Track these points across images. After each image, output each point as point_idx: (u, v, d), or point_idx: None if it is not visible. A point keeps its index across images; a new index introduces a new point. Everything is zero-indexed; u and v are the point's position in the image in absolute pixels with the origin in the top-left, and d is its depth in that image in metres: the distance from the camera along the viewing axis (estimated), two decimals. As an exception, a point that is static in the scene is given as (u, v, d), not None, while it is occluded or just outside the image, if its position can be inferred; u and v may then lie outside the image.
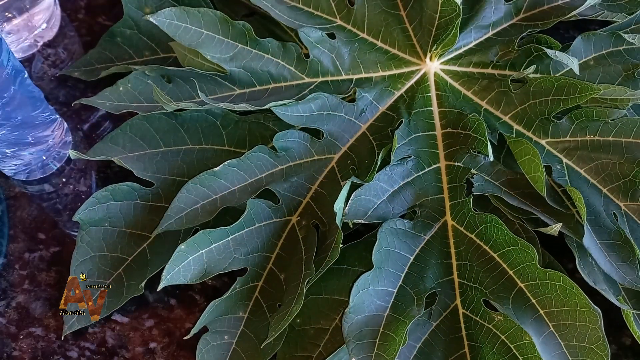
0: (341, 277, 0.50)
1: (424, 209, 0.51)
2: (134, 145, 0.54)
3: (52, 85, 0.61)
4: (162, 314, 0.53)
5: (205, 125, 0.55)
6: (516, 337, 0.46)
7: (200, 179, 0.51)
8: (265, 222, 0.51)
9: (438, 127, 0.54)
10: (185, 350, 0.52)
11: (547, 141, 0.53)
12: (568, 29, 0.63)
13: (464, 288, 0.49)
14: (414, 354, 0.48)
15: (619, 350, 0.51)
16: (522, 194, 0.51)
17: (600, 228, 0.50)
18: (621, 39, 0.55)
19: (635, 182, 0.50)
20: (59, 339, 0.52)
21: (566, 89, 0.51)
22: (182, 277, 0.48)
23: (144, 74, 0.55)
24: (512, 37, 0.56)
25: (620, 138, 0.51)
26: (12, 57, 0.48)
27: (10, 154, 0.54)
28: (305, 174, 0.53)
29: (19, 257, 0.55)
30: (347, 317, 0.47)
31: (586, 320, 0.46)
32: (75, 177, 0.58)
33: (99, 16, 0.65)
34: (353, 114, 0.54)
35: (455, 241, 0.50)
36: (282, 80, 0.56)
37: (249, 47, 0.55)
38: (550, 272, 0.47)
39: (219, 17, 0.54)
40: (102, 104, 0.56)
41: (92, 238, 0.52)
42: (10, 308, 0.53)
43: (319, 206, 0.52)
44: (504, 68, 0.55)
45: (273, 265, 0.51)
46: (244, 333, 0.50)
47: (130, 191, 0.53)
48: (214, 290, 0.54)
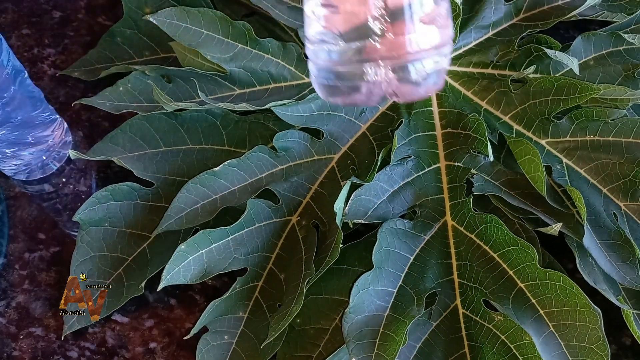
0: (341, 277, 0.50)
1: (424, 209, 0.51)
2: (134, 145, 0.54)
3: (52, 85, 0.61)
4: (162, 314, 0.53)
5: (205, 125, 0.55)
6: (516, 337, 0.46)
7: (200, 179, 0.51)
8: (265, 222, 0.51)
9: (438, 127, 0.54)
10: (185, 350, 0.52)
11: (547, 141, 0.53)
12: (568, 29, 0.63)
13: (464, 288, 0.49)
14: (414, 354, 0.48)
15: (619, 350, 0.51)
16: (522, 194, 0.51)
17: (600, 228, 0.50)
18: (621, 39, 0.55)
19: (635, 182, 0.50)
20: (59, 339, 0.52)
21: (566, 89, 0.51)
22: (182, 277, 0.48)
23: (144, 74, 0.56)
24: (512, 37, 0.56)
25: (620, 138, 0.51)
26: (12, 57, 0.48)
27: (10, 154, 0.54)
28: (305, 174, 0.53)
29: (19, 257, 0.55)
30: (347, 317, 0.47)
31: (586, 320, 0.46)
32: (75, 177, 0.58)
33: (99, 16, 0.65)
34: (353, 114, 0.54)
35: (455, 241, 0.50)
36: (282, 80, 0.56)
37: (249, 47, 0.55)
38: (550, 272, 0.47)
39: (219, 17, 0.54)
40: (102, 104, 0.56)
41: (92, 238, 0.52)
42: (10, 308, 0.53)
43: (319, 206, 0.52)
44: (504, 68, 0.55)
45: (273, 265, 0.51)
46: (244, 333, 0.50)
47: (130, 191, 0.53)
48: (214, 290, 0.54)
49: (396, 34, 0.37)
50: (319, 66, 0.40)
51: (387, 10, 0.37)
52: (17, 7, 0.65)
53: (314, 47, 0.40)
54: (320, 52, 0.39)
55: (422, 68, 0.38)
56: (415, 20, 0.37)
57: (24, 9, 0.65)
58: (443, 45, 0.39)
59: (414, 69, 0.38)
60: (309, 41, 0.40)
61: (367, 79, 0.38)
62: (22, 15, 0.65)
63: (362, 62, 0.38)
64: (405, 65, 0.38)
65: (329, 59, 0.39)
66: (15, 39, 0.64)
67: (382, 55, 0.37)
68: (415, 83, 0.39)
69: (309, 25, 0.40)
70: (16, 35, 0.64)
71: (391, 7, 0.37)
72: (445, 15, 0.39)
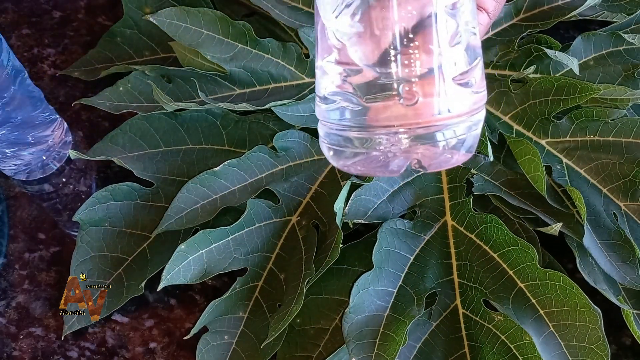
0: (341, 277, 0.50)
1: (424, 209, 0.51)
2: (134, 145, 0.54)
3: (52, 85, 0.61)
4: (162, 314, 0.53)
5: (205, 125, 0.55)
6: (516, 337, 0.46)
7: (200, 179, 0.51)
8: (265, 222, 0.51)
9: (438, 127, 0.54)
10: (185, 350, 0.52)
11: (547, 141, 0.53)
12: (568, 29, 0.63)
13: (464, 288, 0.49)
14: (414, 354, 0.48)
15: (619, 350, 0.51)
16: (522, 194, 0.51)
17: (600, 228, 0.50)
18: (621, 39, 0.55)
19: (635, 182, 0.50)
20: (59, 339, 0.52)
21: (566, 89, 0.51)
22: (182, 277, 0.48)
23: (144, 74, 0.56)
24: (512, 37, 0.56)
25: (620, 138, 0.51)
26: (12, 57, 0.48)
27: (10, 154, 0.54)
28: (306, 173, 0.53)
29: (19, 257, 0.55)
30: (347, 317, 0.47)
31: (586, 320, 0.46)
32: (75, 177, 0.58)
33: (99, 16, 0.65)
34: (353, 114, 0.54)
35: (455, 241, 0.50)
36: (282, 80, 0.56)
37: (249, 47, 0.55)
38: (550, 272, 0.47)
39: (219, 17, 0.54)
40: (102, 104, 0.56)
41: (92, 238, 0.52)
42: (10, 308, 0.53)
43: (319, 206, 0.52)
44: (504, 68, 0.55)
45: (273, 265, 0.51)
46: (244, 333, 0.50)
47: (130, 191, 0.53)
48: (214, 290, 0.54)
49: (425, 96, 0.32)
50: (328, 128, 0.35)
51: (415, 67, 0.31)
52: (17, 7, 0.65)
53: (324, 107, 0.35)
54: (332, 113, 0.34)
55: (452, 136, 0.33)
56: (447, 80, 0.32)
57: (24, 9, 0.65)
58: (477, 111, 0.34)
59: (443, 137, 0.33)
60: (318, 99, 0.35)
61: (381, 148, 0.32)
62: (22, 15, 0.65)
63: (380, 129, 0.32)
64: (433, 133, 0.32)
65: (340, 121, 0.33)
66: (15, 39, 0.64)
67: (404, 123, 0.32)
68: (444, 153, 0.33)
69: (319, 82, 0.35)
70: (16, 35, 0.64)
71: (420, 64, 0.31)
72: (480, 75, 0.34)
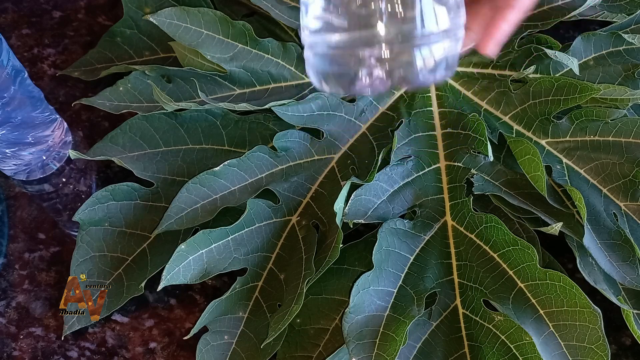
0: (341, 277, 0.50)
1: (424, 209, 0.51)
2: (134, 145, 0.54)
3: (52, 85, 0.61)
4: (162, 314, 0.53)
5: (205, 125, 0.55)
6: (516, 337, 0.46)
7: (200, 178, 0.51)
8: (265, 222, 0.51)
9: (438, 127, 0.54)
10: (185, 350, 0.52)
11: (547, 141, 0.53)
12: (568, 29, 0.63)
13: (464, 288, 0.49)
14: (414, 354, 0.48)
15: (619, 350, 0.51)
16: (522, 194, 0.51)
17: (600, 228, 0.50)
18: (621, 39, 0.55)
19: (635, 182, 0.50)
20: (59, 339, 0.52)
21: (566, 89, 0.51)
22: (182, 277, 0.48)
23: (144, 74, 0.56)
24: (512, 37, 0.56)
25: (620, 138, 0.51)
26: (12, 57, 0.48)
27: (10, 154, 0.54)
28: (305, 173, 0.53)
29: (19, 257, 0.55)
30: (347, 317, 0.47)
31: (586, 320, 0.46)
32: (75, 177, 0.58)
33: (99, 16, 0.65)
34: (353, 114, 0.54)
35: (455, 241, 0.50)
36: (282, 80, 0.56)
37: (249, 47, 0.55)
38: (550, 272, 0.47)
39: (219, 17, 0.54)
40: (102, 104, 0.56)
41: (92, 238, 0.52)
42: (10, 308, 0.53)
43: (319, 206, 0.52)
44: (504, 68, 0.55)
45: (273, 265, 0.51)
46: (244, 333, 0.50)
47: (130, 191, 0.53)
48: (214, 290, 0.54)
49: (404, 15, 0.34)
50: (315, 52, 0.37)
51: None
52: (17, 7, 0.65)
53: (312, 38, 0.37)
54: (319, 38, 0.36)
55: (429, 54, 0.35)
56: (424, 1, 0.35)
57: (24, 9, 0.65)
58: (455, 29, 0.36)
59: (421, 55, 0.35)
60: (306, 29, 0.38)
61: (366, 64, 0.35)
62: (22, 15, 0.65)
63: (364, 47, 0.35)
64: (412, 50, 0.35)
65: (328, 45, 0.36)
66: (15, 39, 0.64)
67: (387, 39, 0.34)
68: (424, 69, 0.36)
69: (306, 12, 0.37)
70: (16, 35, 0.64)
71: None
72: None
